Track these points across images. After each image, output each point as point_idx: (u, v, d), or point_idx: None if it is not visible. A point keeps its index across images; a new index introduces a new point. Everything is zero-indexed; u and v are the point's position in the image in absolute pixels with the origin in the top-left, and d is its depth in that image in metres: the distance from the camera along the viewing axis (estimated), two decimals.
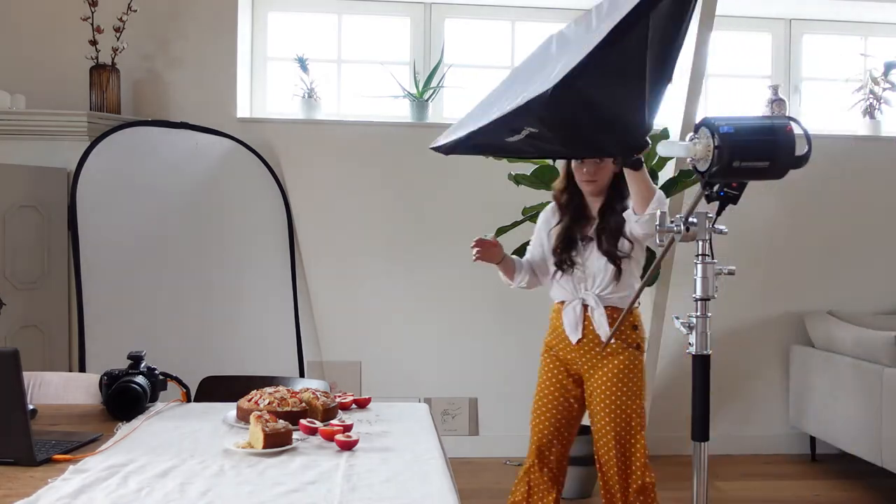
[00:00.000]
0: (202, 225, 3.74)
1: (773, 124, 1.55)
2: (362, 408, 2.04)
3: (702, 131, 1.55)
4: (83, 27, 3.73)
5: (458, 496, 1.40)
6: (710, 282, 1.63)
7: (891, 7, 4.32)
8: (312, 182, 4.01)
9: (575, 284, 2.51)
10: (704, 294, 1.63)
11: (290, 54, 4.12)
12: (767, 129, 1.54)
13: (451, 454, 1.71)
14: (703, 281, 1.63)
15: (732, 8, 4.10)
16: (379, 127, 4.09)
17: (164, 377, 2.03)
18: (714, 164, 1.52)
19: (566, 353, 2.56)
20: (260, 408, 1.79)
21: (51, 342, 3.61)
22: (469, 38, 4.37)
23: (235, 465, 1.52)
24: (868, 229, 4.28)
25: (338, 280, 4.03)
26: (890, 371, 3.38)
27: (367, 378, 4.02)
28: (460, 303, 4.05)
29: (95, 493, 1.36)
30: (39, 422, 1.85)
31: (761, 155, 1.53)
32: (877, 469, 3.48)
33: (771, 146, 1.53)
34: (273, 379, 2.23)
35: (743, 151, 1.52)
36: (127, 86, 3.90)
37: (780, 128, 1.54)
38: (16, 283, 3.47)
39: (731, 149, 1.51)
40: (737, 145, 1.51)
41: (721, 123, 1.52)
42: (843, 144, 4.24)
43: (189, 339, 3.56)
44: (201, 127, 3.82)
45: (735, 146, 1.51)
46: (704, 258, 1.63)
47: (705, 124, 1.54)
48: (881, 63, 4.41)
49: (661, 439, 4.06)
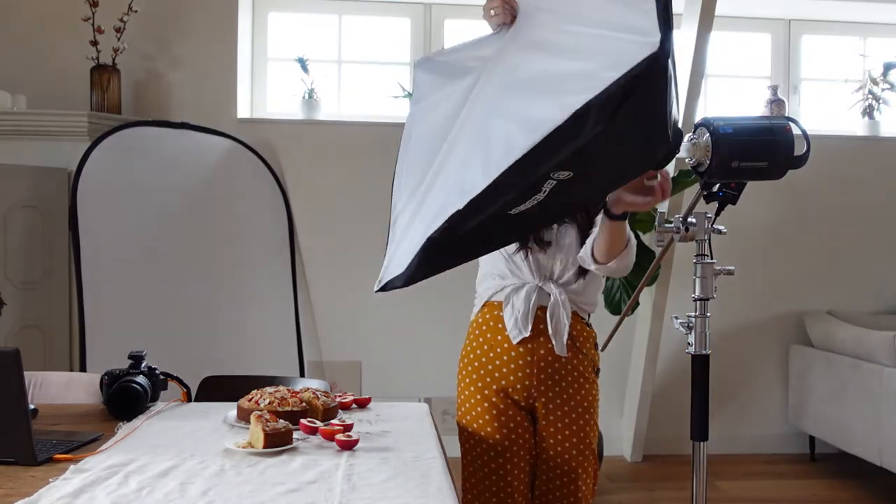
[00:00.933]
0: (202, 225, 3.74)
1: (772, 124, 1.55)
2: (362, 408, 2.05)
3: (700, 131, 1.54)
4: (84, 27, 3.73)
5: (458, 496, 1.41)
6: (709, 282, 1.63)
7: (890, 7, 4.32)
8: (312, 182, 4.01)
9: (533, 268, 1.87)
10: (703, 294, 1.63)
11: (290, 55, 4.13)
12: (766, 130, 1.54)
13: (451, 454, 1.71)
14: (702, 281, 1.63)
15: (732, 8, 4.11)
16: (379, 127, 4.09)
17: (164, 377, 2.04)
18: (713, 164, 1.52)
19: (504, 370, 1.87)
20: (260, 407, 1.79)
21: (51, 342, 3.61)
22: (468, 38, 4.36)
23: (236, 465, 1.53)
24: (868, 229, 4.28)
25: (338, 280, 4.03)
26: (889, 371, 3.39)
27: (367, 378, 4.02)
28: (460, 302, 4.02)
29: (96, 493, 1.36)
30: (40, 421, 1.85)
31: (760, 155, 1.53)
32: (876, 469, 3.48)
33: (770, 146, 1.53)
34: (273, 379, 2.23)
35: (741, 151, 1.52)
36: (128, 86, 3.90)
37: (778, 128, 1.54)
38: (16, 283, 3.48)
39: (729, 148, 1.51)
40: (735, 145, 1.51)
41: (720, 123, 1.51)
42: (842, 145, 4.25)
43: (189, 339, 3.56)
44: (202, 127, 3.82)
45: (733, 146, 1.51)
46: (703, 258, 1.64)
47: (704, 124, 1.54)
48: (880, 63, 4.41)
49: (660, 439, 4.07)
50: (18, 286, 3.48)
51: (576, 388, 1.88)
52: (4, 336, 3.37)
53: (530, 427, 1.89)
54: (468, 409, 1.94)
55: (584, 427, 1.88)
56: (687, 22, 3.62)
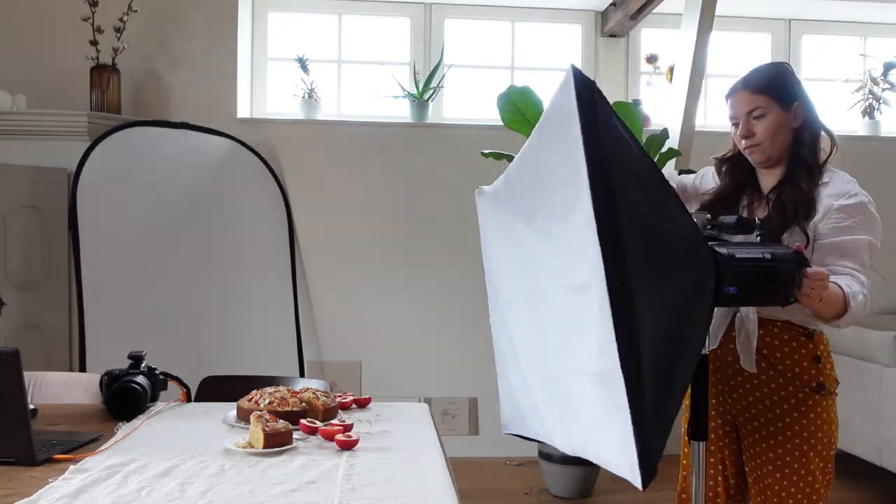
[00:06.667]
0: (202, 225, 3.74)
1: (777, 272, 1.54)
2: (362, 408, 2.05)
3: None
4: (84, 27, 3.73)
5: (458, 496, 1.40)
6: None
7: (890, 7, 4.32)
8: (312, 182, 4.01)
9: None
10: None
11: (290, 54, 4.12)
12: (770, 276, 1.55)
13: (451, 454, 1.71)
14: None
15: (732, 8, 4.11)
16: (379, 127, 4.10)
17: (164, 377, 2.04)
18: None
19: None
20: (260, 407, 1.79)
21: (51, 342, 3.61)
22: (469, 38, 4.37)
23: (236, 465, 1.53)
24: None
25: (338, 280, 4.03)
26: (890, 371, 3.38)
27: (367, 378, 4.02)
28: (460, 302, 4.04)
29: (96, 493, 1.36)
30: (40, 421, 1.85)
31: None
32: (876, 469, 3.48)
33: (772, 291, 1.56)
34: (273, 379, 2.23)
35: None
36: (127, 86, 3.90)
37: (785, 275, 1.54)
38: (16, 283, 3.47)
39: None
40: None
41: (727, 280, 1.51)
42: (842, 145, 4.20)
43: (189, 339, 3.56)
44: (201, 127, 3.82)
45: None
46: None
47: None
48: (880, 63, 4.41)
49: None
50: (18, 286, 3.48)
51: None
52: (4, 336, 3.37)
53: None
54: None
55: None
56: (687, 22, 3.61)
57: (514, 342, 1.78)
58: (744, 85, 1.84)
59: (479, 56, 4.37)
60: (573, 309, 1.43)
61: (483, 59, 4.37)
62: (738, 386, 1.82)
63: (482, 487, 3.59)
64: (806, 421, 1.74)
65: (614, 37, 4.34)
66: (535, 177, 1.56)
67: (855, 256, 1.72)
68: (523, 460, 3.90)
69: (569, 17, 4.39)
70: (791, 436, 1.75)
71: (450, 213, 3.99)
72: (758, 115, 1.80)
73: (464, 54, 4.33)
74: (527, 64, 4.40)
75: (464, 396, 4.09)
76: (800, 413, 1.75)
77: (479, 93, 4.30)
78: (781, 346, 1.76)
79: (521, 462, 3.92)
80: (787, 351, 1.75)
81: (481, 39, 4.39)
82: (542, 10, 4.34)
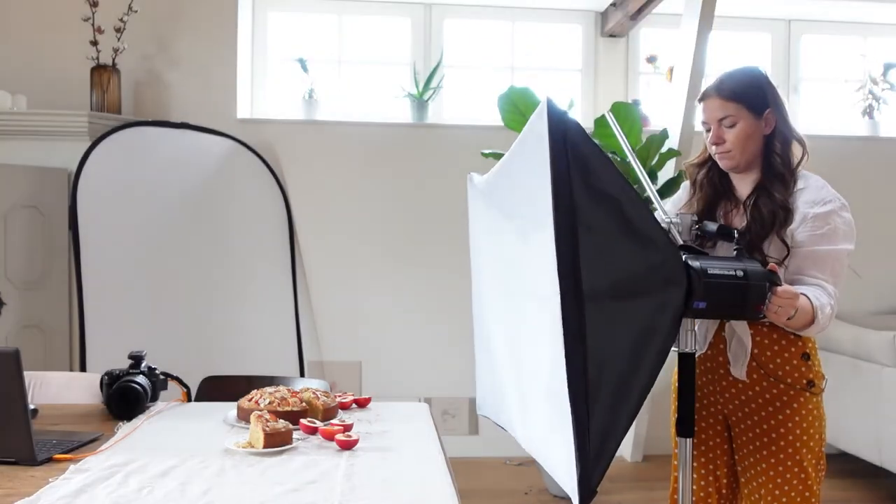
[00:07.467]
0: (202, 225, 3.74)
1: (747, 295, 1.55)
2: (362, 407, 2.05)
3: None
4: (84, 27, 3.73)
5: (457, 496, 1.40)
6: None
7: (890, 7, 4.32)
8: (312, 182, 4.01)
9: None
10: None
11: (290, 55, 4.13)
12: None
13: (451, 454, 1.71)
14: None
15: (732, 8, 4.10)
16: (379, 127, 4.10)
17: (164, 377, 2.04)
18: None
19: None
20: (260, 407, 1.79)
21: (51, 342, 3.61)
22: (469, 38, 4.37)
23: (236, 465, 1.53)
24: (867, 229, 4.24)
25: (338, 280, 4.03)
26: (889, 371, 3.39)
27: (367, 378, 4.02)
28: (460, 302, 4.01)
29: (96, 493, 1.36)
30: (40, 421, 1.85)
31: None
32: (876, 469, 3.48)
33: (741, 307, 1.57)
34: (273, 379, 2.23)
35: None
36: (128, 86, 3.90)
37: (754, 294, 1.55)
38: (16, 283, 3.48)
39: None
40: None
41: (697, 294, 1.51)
42: (842, 145, 4.24)
43: (189, 339, 3.56)
44: (202, 127, 3.82)
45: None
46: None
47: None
48: (880, 63, 4.41)
49: (660, 439, 4.05)
50: (18, 286, 3.49)
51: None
52: (4, 336, 3.37)
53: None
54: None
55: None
56: (687, 22, 3.61)
57: (488, 328, 1.83)
58: (716, 91, 1.85)
59: (479, 56, 4.37)
60: (536, 315, 1.46)
61: (483, 60, 4.37)
62: (729, 386, 1.83)
63: (482, 487, 3.59)
64: (798, 418, 1.77)
65: (614, 37, 4.35)
66: (513, 185, 1.60)
67: (827, 266, 1.72)
68: (523, 460, 3.90)
69: (569, 18, 4.39)
70: (784, 433, 1.77)
71: (450, 214, 3.99)
72: (729, 123, 1.81)
73: (464, 54, 4.33)
74: (527, 64, 4.40)
75: (464, 396, 4.09)
76: (792, 411, 1.77)
77: (479, 93, 4.30)
78: (771, 346, 1.77)
79: (520, 462, 3.92)
80: (776, 350, 1.77)
81: (481, 40, 4.39)
82: (542, 11, 4.34)
